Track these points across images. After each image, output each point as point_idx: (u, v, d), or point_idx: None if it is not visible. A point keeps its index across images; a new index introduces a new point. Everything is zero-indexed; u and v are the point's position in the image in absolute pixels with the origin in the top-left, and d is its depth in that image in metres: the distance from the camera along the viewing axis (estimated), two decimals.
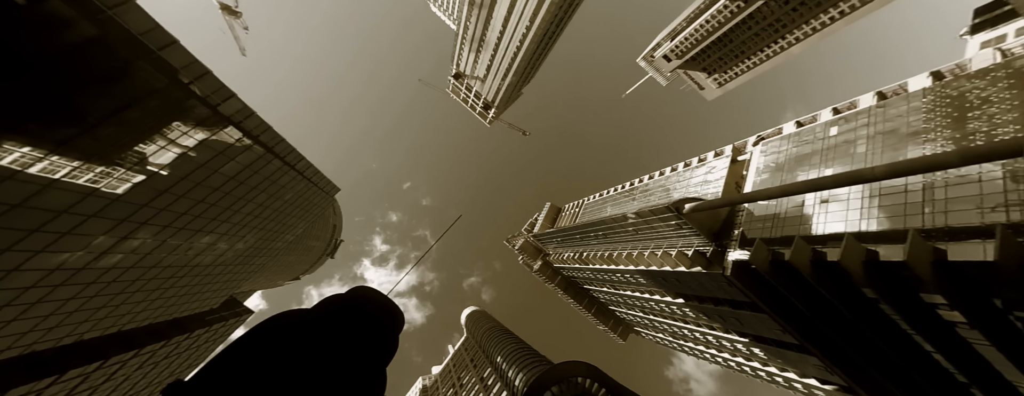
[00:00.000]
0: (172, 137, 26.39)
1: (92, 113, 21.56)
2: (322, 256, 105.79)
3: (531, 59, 69.32)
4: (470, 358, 69.47)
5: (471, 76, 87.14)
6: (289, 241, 58.34)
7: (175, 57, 23.90)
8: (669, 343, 73.10)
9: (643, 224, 41.95)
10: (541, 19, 56.00)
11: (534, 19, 56.96)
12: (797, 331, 29.18)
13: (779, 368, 42.08)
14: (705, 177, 37.90)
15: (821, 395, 39.70)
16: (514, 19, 59.55)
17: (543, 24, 57.07)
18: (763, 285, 28.42)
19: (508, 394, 46.28)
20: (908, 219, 20.87)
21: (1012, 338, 19.22)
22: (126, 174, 24.98)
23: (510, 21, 60.40)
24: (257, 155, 34.82)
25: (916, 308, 21.33)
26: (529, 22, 57.80)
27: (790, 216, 27.08)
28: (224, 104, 28.59)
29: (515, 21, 59.77)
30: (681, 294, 43.01)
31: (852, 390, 32.53)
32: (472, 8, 63.74)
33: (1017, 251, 16.56)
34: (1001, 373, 21.67)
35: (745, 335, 39.71)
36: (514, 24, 60.36)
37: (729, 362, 54.10)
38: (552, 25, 60.07)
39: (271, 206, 43.38)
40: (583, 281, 79.03)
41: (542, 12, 55.11)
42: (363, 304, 2.25)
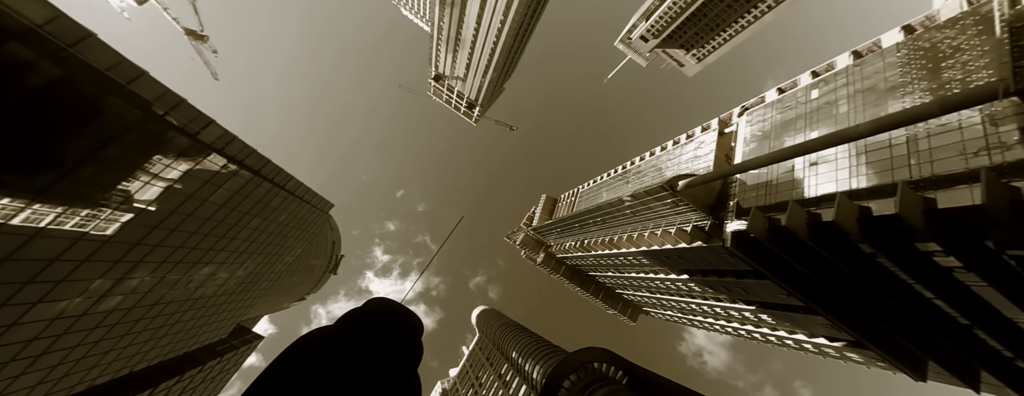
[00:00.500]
0: (155, 171, 25.86)
1: (69, 156, 21.02)
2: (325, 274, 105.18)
3: (509, 53, 68.88)
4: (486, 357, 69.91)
5: (451, 77, 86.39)
6: (289, 263, 57.87)
7: (146, 89, 23.32)
8: (679, 319, 74.25)
9: (640, 206, 42.29)
10: (514, 12, 55.55)
11: (507, 13, 56.48)
12: (801, 293, 29.80)
13: (788, 331, 43.03)
14: (695, 152, 38.23)
15: (831, 352, 40.76)
16: (487, 15, 58.99)
17: (517, 17, 56.62)
18: (763, 252, 28.92)
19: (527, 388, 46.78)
20: (896, 172, 21.32)
21: (1007, 277, 19.86)
22: (114, 214, 24.48)
23: (483, 17, 59.82)
24: (245, 180, 34.32)
25: (913, 258, 21.90)
26: (503, 16, 57.30)
27: (782, 182, 27.49)
28: (204, 132, 28.05)
29: (488, 17, 59.21)
30: (685, 270, 43.61)
31: (860, 344, 33.43)
32: (444, 8, 62.96)
33: (1003, 192, 17.04)
34: (999, 311, 22.42)
35: (751, 303, 40.46)
36: (488, 20, 59.79)
37: (739, 331, 55.18)
38: (526, 17, 59.63)
39: (266, 229, 42.93)
40: (587, 268, 79.68)
41: (515, 5, 54.64)
42: (383, 314, 2.31)
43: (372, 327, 2.14)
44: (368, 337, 1.98)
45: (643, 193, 37.84)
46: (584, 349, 38.29)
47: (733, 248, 29.44)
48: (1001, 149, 17.90)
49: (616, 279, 71.99)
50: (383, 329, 2.17)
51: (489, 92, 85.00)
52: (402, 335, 2.17)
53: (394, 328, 2.22)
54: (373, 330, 2.10)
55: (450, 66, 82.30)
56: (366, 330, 2.06)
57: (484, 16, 59.62)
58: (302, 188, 45.54)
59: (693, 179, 31.62)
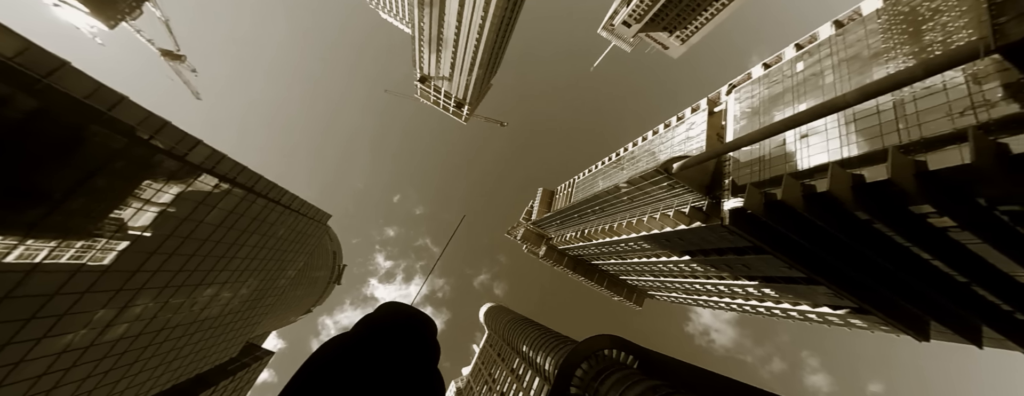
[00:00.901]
0: (147, 196, 25.56)
1: (56, 188, 20.70)
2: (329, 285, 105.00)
3: (493, 49, 68.35)
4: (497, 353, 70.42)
5: (437, 77, 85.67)
6: (292, 277, 57.70)
7: (128, 114, 22.94)
8: (684, 300, 75.05)
9: (636, 191, 42.46)
10: (494, 7, 55.00)
11: (487, 9, 55.91)
12: (802, 265, 30.19)
13: (791, 303, 43.66)
14: (687, 134, 38.34)
15: (835, 320, 41.45)
16: (467, 12, 58.37)
17: (497, 12, 56.10)
18: (762, 227, 29.20)
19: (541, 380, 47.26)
20: (885, 138, 21.52)
21: (1001, 232, 20.22)
22: (109, 243, 24.21)
23: (463, 15, 59.20)
24: (239, 198, 34.03)
25: (908, 221, 22.22)
26: (483, 12, 56.73)
27: (775, 156, 27.67)
28: (192, 153, 27.71)
29: (469, 14, 58.60)
30: (686, 251, 43.98)
31: (863, 310, 34.01)
32: (423, 8, 62.19)
33: (991, 149, 17.27)
34: (996, 266, 22.87)
35: (753, 278, 40.96)
36: (468, 17, 59.19)
37: (743, 307, 55.91)
38: (506, 11, 59.11)
39: (265, 245, 42.70)
40: (590, 257, 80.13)
41: (494, 0, 54.09)
42: (397, 317, 2.37)
43: (389, 330, 2.18)
44: (387, 340, 2.02)
45: (639, 178, 37.98)
46: (593, 337, 38.64)
47: (732, 226, 29.71)
48: (986, 107, 18.11)
49: (619, 266, 72.49)
50: (400, 331, 2.22)
51: (476, 90, 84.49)
52: (419, 335, 2.22)
53: (410, 329, 2.27)
54: (391, 333, 2.15)
55: (435, 67, 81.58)
56: (384, 333, 2.11)
57: (464, 14, 59.00)
58: (298, 201, 45.26)
59: (687, 160, 31.74)
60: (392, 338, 2.05)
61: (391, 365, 1.77)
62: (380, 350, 1.83)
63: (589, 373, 34.84)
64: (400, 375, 1.76)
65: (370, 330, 2.05)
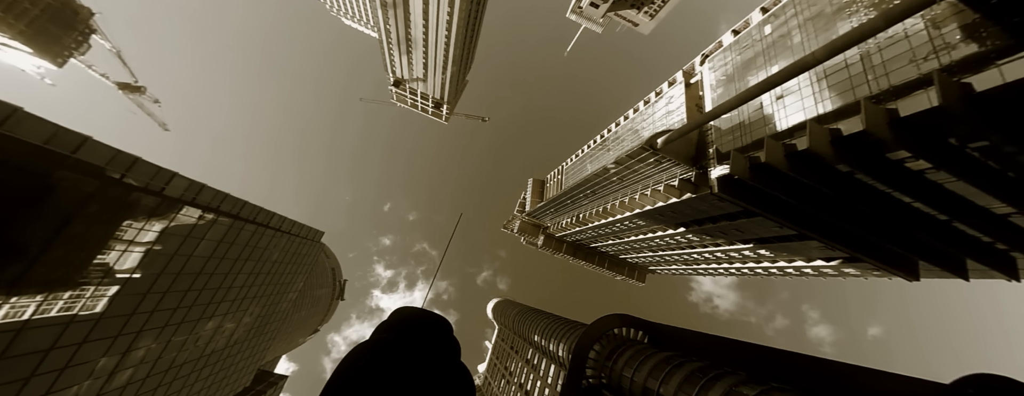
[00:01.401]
0: (129, 237, 24.77)
1: (32, 242, 19.88)
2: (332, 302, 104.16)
3: (464, 44, 67.34)
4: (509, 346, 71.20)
5: (411, 79, 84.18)
6: (293, 299, 57.04)
7: (94, 155, 22.03)
8: (684, 271, 76.74)
9: (625, 170, 42.86)
10: (460, 1, 53.99)
11: (453, 3, 54.85)
12: (792, 222, 31.09)
13: (786, 260, 45.06)
14: (666, 108, 38.68)
15: (829, 271, 42.98)
16: (433, 9, 57.16)
17: (463, 5, 55.10)
18: (750, 191, 29.88)
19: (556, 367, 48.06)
20: (856, 90, 22.09)
21: (974, 169, 21.11)
22: (98, 290, 23.49)
23: (429, 12, 57.95)
24: (226, 227, 33.27)
25: (887, 168, 23.00)
26: (449, 8, 55.64)
27: (754, 121, 28.18)
28: (169, 186, 26.86)
29: (435, 11, 57.40)
30: (680, 223, 44.81)
31: (854, 258, 35.32)
32: (387, 10, 60.67)
33: (956, 90, 17.89)
34: (973, 202, 23.93)
35: (748, 241, 42.05)
36: (435, 14, 58.00)
37: (742, 270, 57.48)
38: (473, 4, 58.13)
39: (261, 271, 42.01)
40: (588, 241, 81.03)
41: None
42: (413, 319, 2.41)
43: (409, 331, 2.22)
44: (409, 340, 2.06)
45: (626, 157, 38.32)
46: (602, 318, 39.29)
47: (721, 193, 30.32)
48: (947, 50, 18.69)
49: (617, 246, 73.52)
50: (419, 330, 2.25)
51: (453, 88, 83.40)
52: (438, 332, 2.27)
53: (429, 328, 2.32)
54: (411, 333, 2.19)
55: (407, 69, 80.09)
56: (404, 334, 2.14)
57: (430, 12, 57.79)
58: (288, 223, 44.49)
59: (670, 134, 32.10)
60: (414, 338, 2.08)
61: (419, 362, 1.81)
62: (405, 350, 1.86)
63: (602, 353, 35.53)
64: (430, 371, 1.80)
65: (390, 334, 2.08)
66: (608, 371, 33.32)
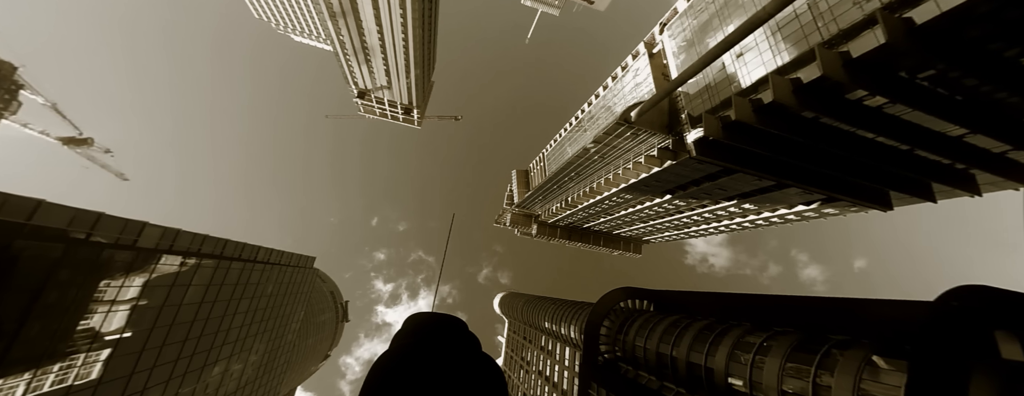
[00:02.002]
0: (110, 297, 23.85)
1: (5, 319, 18.94)
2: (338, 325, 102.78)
3: (423, 45, 66.23)
4: (522, 337, 72.19)
5: (375, 88, 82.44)
6: (297, 329, 56.19)
7: (52, 218, 20.97)
8: (676, 236, 78.94)
9: (604, 148, 43.53)
10: (410, 2, 52.91)
11: (404, 4, 53.70)
12: (769, 173, 32.39)
13: (770, 210, 46.94)
14: (634, 81, 39.30)
15: (811, 214, 45.04)
16: (385, 13, 55.85)
17: (415, 5, 54.05)
18: (726, 149, 30.92)
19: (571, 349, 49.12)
20: (809, 38, 23.00)
21: (925, 97, 22.43)
22: (90, 356, 22.65)
23: (381, 17, 56.62)
24: (211, 269, 32.43)
25: (847, 108, 24.18)
26: (401, 9, 54.46)
27: (719, 81, 29.01)
28: (142, 237, 25.89)
29: (387, 15, 56.11)
30: (666, 190, 45.99)
31: (831, 198, 37.14)
32: (336, 20, 58.95)
33: (899, 26, 18.89)
34: (929, 128, 25.45)
35: (731, 198, 43.57)
36: (387, 18, 56.71)
37: (730, 226, 59.58)
38: (425, 3, 57.07)
39: (258, 307, 41.18)
40: (580, 222, 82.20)
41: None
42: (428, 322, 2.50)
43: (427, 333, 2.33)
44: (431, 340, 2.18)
45: (603, 135, 38.88)
46: (607, 294, 40.24)
47: (699, 156, 31.26)
48: None
49: (609, 222, 74.89)
50: (438, 331, 2.37)
51: (420, 91, 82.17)
52: (456, 329, 2.40)
53: (446, 327, 2.43)
54: (429, 335, 2.30)
55: (369, 78, 78.33)
56: (423, 337, 2.26)
57: (382, 16, 56.45)
58: (275, 254, 43.62)
59: (642, 106, 32.73)
60: (432, 339, 2.20)
61: (444, 360, 1.92)
62: (427, 351, 1.97)
63: (612, 328, 36.49)
64: (457, 365, 1.91)
65: (409, 340, 2.18)
66: (621, 344, 34.33)
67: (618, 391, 28.71)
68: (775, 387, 17.83)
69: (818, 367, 16.56)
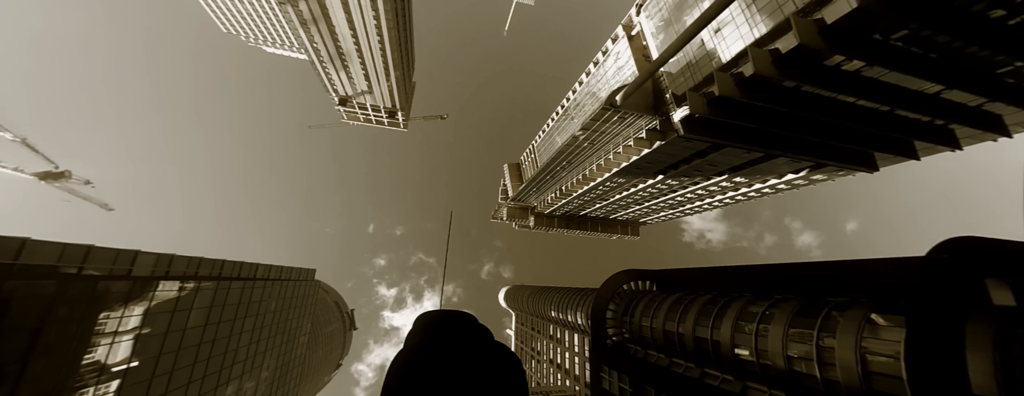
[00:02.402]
0: (112, 328, 23.57)
1: (7, 362, 18.61)
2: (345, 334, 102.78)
3: (400, 46, 65.13)
4: (531, 328, 73.00)
5: (356, 94, 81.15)
6: (306, 342, 56.14)
7: (40, 255, 20.60)
8: (672, 215, 79.87)
9: (593, 134, 43.60)
10: (382, 3, 51.83)
11: (376, 6, 52.61)
12: (757, 145, 32.79)
13: (760, 182, 47.66)
14: (616, 65, 39.23)
15: (800, 182, 45.84)
16: (357, 16, 54.68)
17: (388, 5, 53.00)
18: (712, 125, 31.18)
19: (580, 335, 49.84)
20: (784, 9, 23.09)
21: (900, 57, 22.78)
22: (99, 389, 22.44)
23: (354, 21, 55.43)
24: (212, 290, 32.15)
25: (827, 74, 24.48)
26: (373, 11, 53.35)
27: (700, 58, 29.09)
28: (136, 266, 25.57)
29: (359, 19, 54.94)
30: (658, 171, 46.36)
31: (819, 165, 37.80)
32: (308, 27, 57.61)
33: None
34: (907, 87, 25.90)
35: (722, 172, 44.11)
36: (360, 21, 55.54)
37: (724, 201, 60.42)
38: (398, 3, 55.97)
39: (264, 324, 41.02)
40: (576, 210, 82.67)
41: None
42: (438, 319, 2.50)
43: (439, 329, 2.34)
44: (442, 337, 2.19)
45: (590, 121, 38.91)
46: (609, 278, 40.74)
47: (687, 134, 31.49)
48: None
49: (605, 207, 75.43)
50: (448, 327, 2.37)
51: (402, 92, 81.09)
52: (467, 323, 2.41)
53: (455, 322, 2.44)
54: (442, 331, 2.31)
55: (349, 84, 77.02)
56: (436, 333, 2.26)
57: (354, 19, 55.27)
58: (274, 270, 43.36)
59: (627, 89, 32.75)
60: (445, 334, 2.21)
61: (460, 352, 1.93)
62: (442, 346, 1.97)
63: (618, 311, 37.04)
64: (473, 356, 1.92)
65: (422, 337, 2.19)
66: (628, 325, 34.91)
67: (629, 371, 29.29)
68: (780, 353, 18.34)
69: (820, 330, 17.05)
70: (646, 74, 29.03)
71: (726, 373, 21.74)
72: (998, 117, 28.77)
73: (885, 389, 13.91)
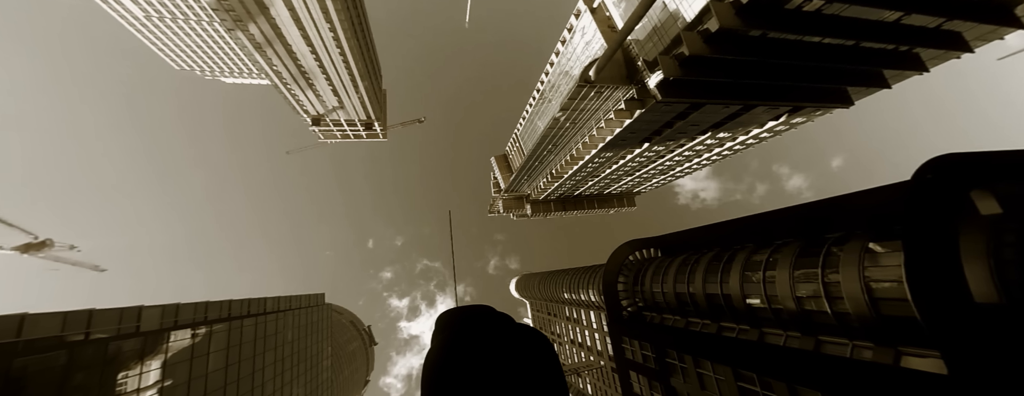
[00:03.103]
0: (134, 387, 23.43)
1: None
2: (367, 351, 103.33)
3: (363, 55, 63.58)
4: (547, 313, 74.06)
5: (328, 111, 79.47)
6: (330, 365, 56.48)
7: (41, 328, 20.20)
8: (664, 181, 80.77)
9: (574, 113, 43.51)
10: (336, 13, 50.27)
11: (330, 18, 51.05)
12: (735, 98, 33.08)
13: (743, 134, 48.28)
14: (583, 41, 38.90)
15: (781, 127, 46.52)
16: (312, 32, 53.05)
17: (342, 16, 51.44)
18: (688, 85, 31.32)
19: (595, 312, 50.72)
20: None
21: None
22: None
23: (311, 37, 53.80)
24: (225, 332, 32.00)
25: (790, 18, 24.61)
26: (329, 23, 51.79)
27: (665, 21, 28.98)
28: (142, 321, 25.30)
29: (314, 33, 53.33)
30: (643, 140, 46.63)
31: (796, 108, 38.35)
32: (263, 51, 55.82)
33: None
34: (868, 19, 26.21)
35: (705, 130, 44.52)
36: (316, 36, 53.93)
37: (711, 158, 61.19)
38: (351, 11, 54.35)
39: (284, 355, 41.10)
40: (570, 191, 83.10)
41: (329, 5, 49.27)
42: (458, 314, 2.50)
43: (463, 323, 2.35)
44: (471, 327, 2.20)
45: (569, 101, 38.78)
46: (614, 252, 41.30)
47: (665, 98, 31.60)
48: None
49: (598, 184, 75.94)
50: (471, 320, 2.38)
51: (375, 102, 79.59)
52: (486, 313, 2.42)
53: (476, 314, 2.45)
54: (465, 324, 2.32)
55: (318, 103, 75.29)
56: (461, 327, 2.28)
57: (310, 36, 53.63)
58: (284, 300, 43.21)
59: (598, 63, 32.60)
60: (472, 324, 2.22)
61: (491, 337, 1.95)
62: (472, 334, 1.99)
63: (628, 282, 37.71)
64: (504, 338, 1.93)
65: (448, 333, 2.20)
66: (640, 294, 35.62)
67: (649, 338, 30.03)
68: (790, 296, 18.94)
69: (824, 267, 17.62)
70: (615, 45, 28.88)
71: (741, 324, 22.43)
72: (958, 34, 29.34)
73: (893, 312, 14.51)
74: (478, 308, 2.46)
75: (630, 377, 31.78)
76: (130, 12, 79.51)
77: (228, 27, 51.61)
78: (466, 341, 1.85)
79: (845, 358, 15.94)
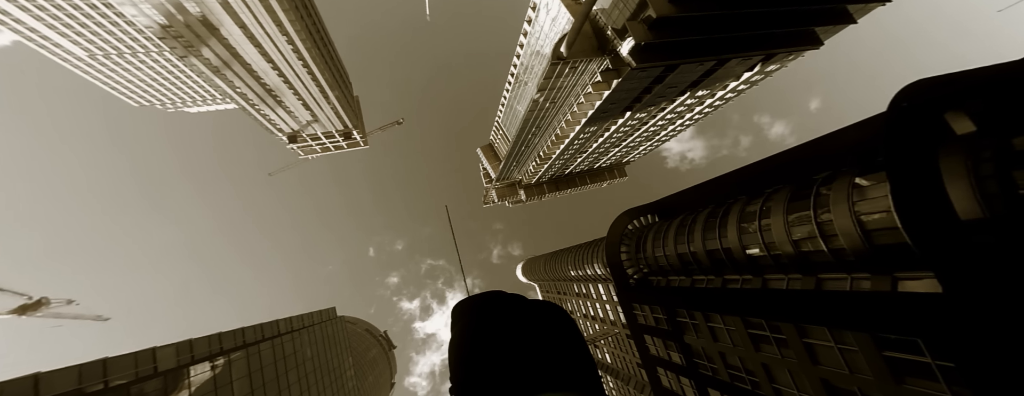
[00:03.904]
0: None
1: None
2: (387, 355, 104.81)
3: (328, 63, 61.67)
4: (556, 292, 75.36)
5: (303, 127, 77.59)
6: (353, 375, 57.31)
7: (57, 385, 20.09)
8: (651, 147, 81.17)
9: (551, 93, 43.10)
10: (290, 24, 48.37)
11: (285, 30, 49.14)
12: (707, 55, 32.99)
13: (721, 88, 48.38)
14: (549, 18, 38.12)
15: (757, 77, 46.68)
16: (270, 47, 51.14)
17: (298, 27, 49.55)
18: (660, 48, 31.08)
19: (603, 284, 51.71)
20: None
21: None
22: None
23: (269, 52, 51.88)
24: (243, 359, 32.16)
25: None
26: (285, 36, 49.91)
27: None
28: (159, 362, 25.27)
29: (272, 48, 51.42)
30: (624, 109, 46.53)
31: (768, 56, 38.37)
32: (222, 74, 53.82)
33: None
34: None
35: (683, 91, 44.50)
36: (274, 51, 52.03)
37: (694, 117, 61.45)
38: (307, 20, 52.34)
39: (306, 372, 41.56)
40: (560, 170, 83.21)
41: (282, 18, 47.35)
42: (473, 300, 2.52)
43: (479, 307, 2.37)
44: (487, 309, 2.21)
45: (544, 81, 38.34)
46: (613, 223, 41.80)
47: (640, 64, 31.38)
48: None
49: (587, 159, 76.08)
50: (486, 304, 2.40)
51: (349, 111, 77.79)
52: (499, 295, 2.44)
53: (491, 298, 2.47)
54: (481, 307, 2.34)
55: (290, 119, 73.33)
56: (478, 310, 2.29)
57: (268, 51, 51.69)
58: (295, 320, 43.39)
59: (568, 38, 32.10)
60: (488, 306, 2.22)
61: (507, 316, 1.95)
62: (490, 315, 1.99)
63: (631, 250, 38.38)
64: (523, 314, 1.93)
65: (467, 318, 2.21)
66: (643, 261, 36.34)
67: (659, 301, 30.85)
68: (787, 240, 19.47)
69: (815, 208, 18.07)
70: (581, 17, 28.38)
71: (744, 274, 23.10)
72: None
73: (887, 241, 15.04)
74: (490, 293, 2.52)
75: (645, 341, 32.77)
76: (72, 53, 75.42)
77: (180, 55, 49.52)
78: (486, 321, 1.88)
79: (845, 291, 16.59)
